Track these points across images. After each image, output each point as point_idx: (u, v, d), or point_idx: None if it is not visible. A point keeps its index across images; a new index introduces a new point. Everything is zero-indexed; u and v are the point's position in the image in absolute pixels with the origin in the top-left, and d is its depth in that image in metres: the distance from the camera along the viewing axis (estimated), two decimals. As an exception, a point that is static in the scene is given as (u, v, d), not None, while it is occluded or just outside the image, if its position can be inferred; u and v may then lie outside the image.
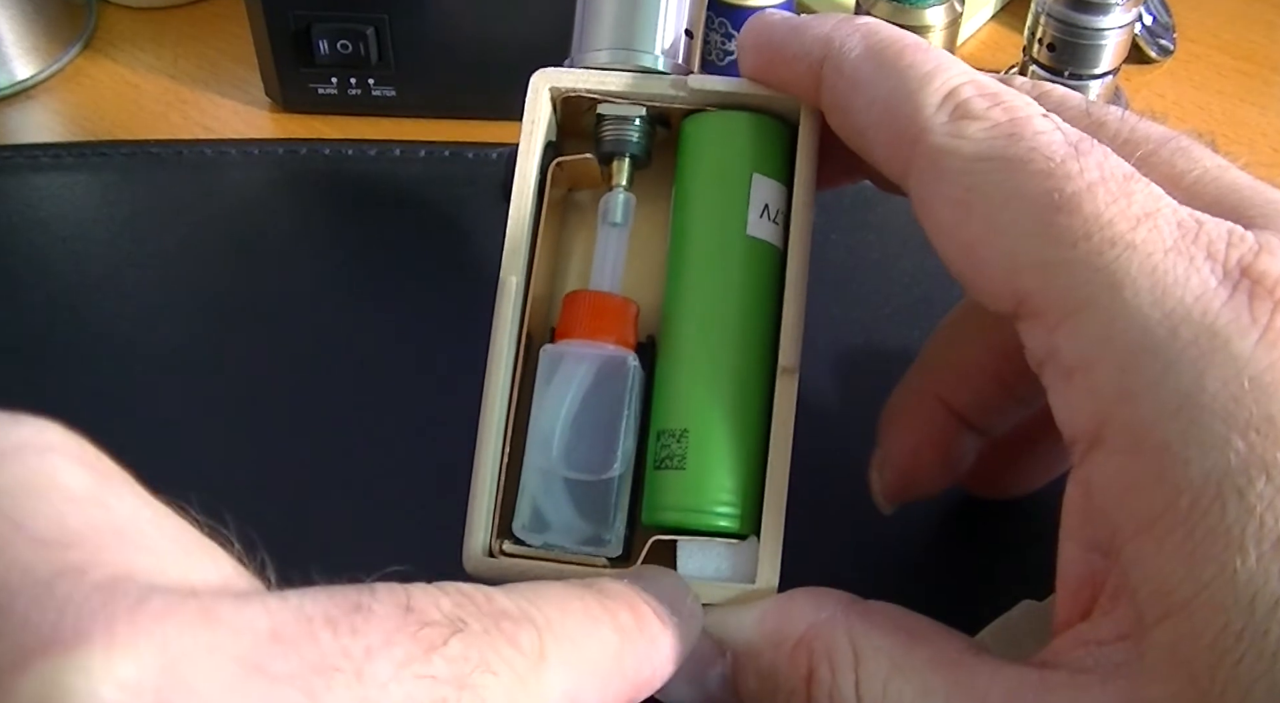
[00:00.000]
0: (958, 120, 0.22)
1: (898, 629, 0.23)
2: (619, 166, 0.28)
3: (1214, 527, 0.19)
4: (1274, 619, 0.18)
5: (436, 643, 0.17)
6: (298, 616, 0.16)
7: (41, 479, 0.16)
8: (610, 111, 0.28)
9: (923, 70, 0.23)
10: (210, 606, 0.15)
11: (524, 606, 0.19)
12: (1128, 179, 0.21)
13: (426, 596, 0.18)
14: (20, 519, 0.15)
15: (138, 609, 0.14)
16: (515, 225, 0.26)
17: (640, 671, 0.21)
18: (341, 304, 0.40)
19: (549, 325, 0.28)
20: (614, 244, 0.28)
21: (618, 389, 0.26)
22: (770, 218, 0.27)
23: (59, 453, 0.16)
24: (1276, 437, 0.19)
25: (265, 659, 0.15)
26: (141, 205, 0.43)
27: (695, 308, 0.26)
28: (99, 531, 0.16)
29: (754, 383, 0.26)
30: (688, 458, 0.25)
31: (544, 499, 0.26)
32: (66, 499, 0.16)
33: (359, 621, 0.16)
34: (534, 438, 0.26)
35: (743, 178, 0.27)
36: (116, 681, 0.14)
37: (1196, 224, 0.21)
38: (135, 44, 0.52)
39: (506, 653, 0.18)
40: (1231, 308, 0.20)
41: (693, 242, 0.27)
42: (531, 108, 0.27)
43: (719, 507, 0.25)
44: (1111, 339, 0.20)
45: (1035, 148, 0.22)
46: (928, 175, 0.23)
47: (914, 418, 0.30)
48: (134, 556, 0.16)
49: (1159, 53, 0.51)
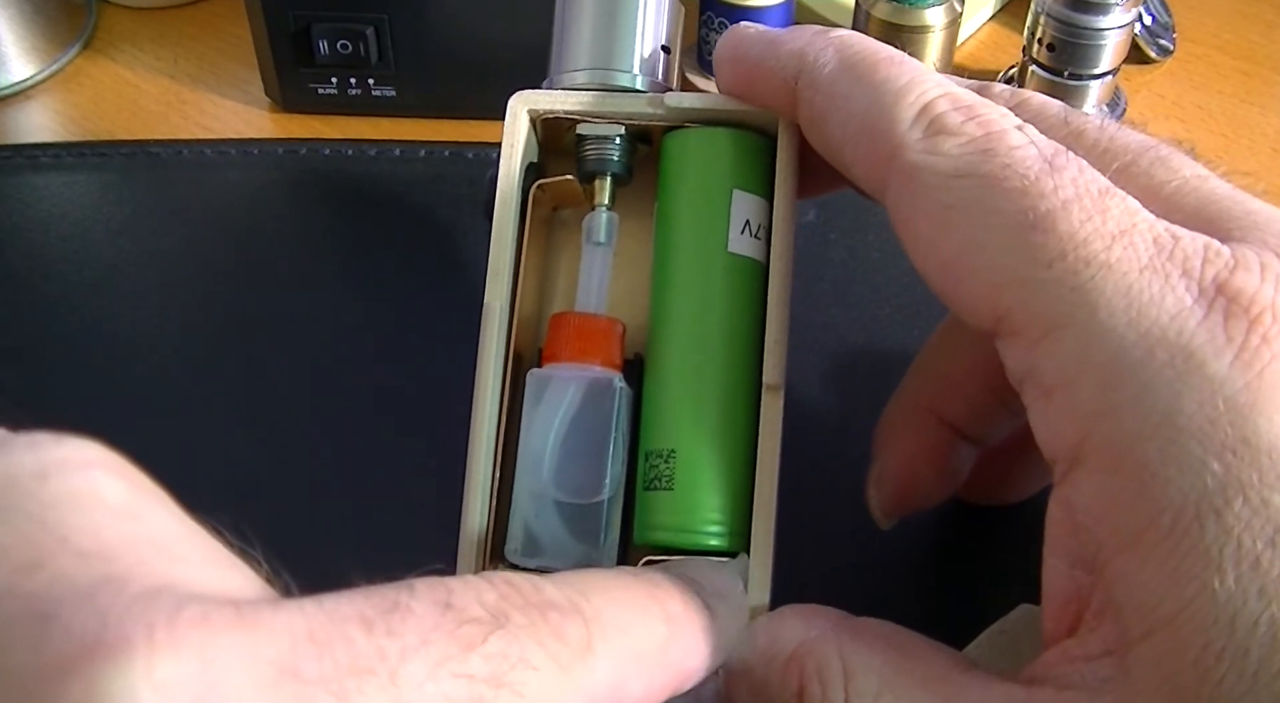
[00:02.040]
0: (933, 136, 0.22)
1: (888, 646, 0.23)
2: (601, 186, 0.28)
3: (1194, 545, 0.19)
4: (1254, 639, 0.18)
5: (475, 641, 0.17)
6: (332, 618, 0.16)
7: (83, 495, 0.16)
8: (590, 131, 0.28)
9: (897, 84, 0.23)
10: (246, 611, 0.16)
11: (572, 596, 0.19)
12: (1103, 194, 0.21)
13: (470, 590, 0.18)
14: (63, 533, 0.16)
15: (176, 616, 0.15)
16: (498, 249, 0.27)
17: (687, 661, 0.22)
18: (341, 304, 0.40)
19: (537, 345, 0.28)
20: (598, 263, 0.28)
21: (605, 411, 0.26)
22: (752, 233, 0.27)
23: (100, 469, 0.17)
24: (1252, 458, 0.19)
25: (299, 662, 0.15)
26: (141, 205, 0.43)
27: (679, 327, 0.27)
28: (138, 544, 0.16)
29: (740, 400, 0.26)
30: (675, 478, 0.25)
31: (536, 522, 0.26)
32: (107, 514, 0.16)
33: (395, 621, 0.17)
34: (524, 461, 0.26)
35: (723, 195, 0.27)
36: (156, 684, 0.14)
37: (1172, 240, 0.20)
38: (135, 44, 0.52)
39: (552, 646, 0.18)
40: (1206, 327, 0.19)
41: (675, 260, 0.27)
42: (510, 130, 0.27)
43: (708, 526, 0.25)
44: (1089, 359, 0.20)
45: (1009, 164, 0.21)
46: (904, 192, 0.23)
47: (908, 431, 0.30)
48: (171, 567, 0.16)
49: (1159, 53, 0.51)
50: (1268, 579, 0.18)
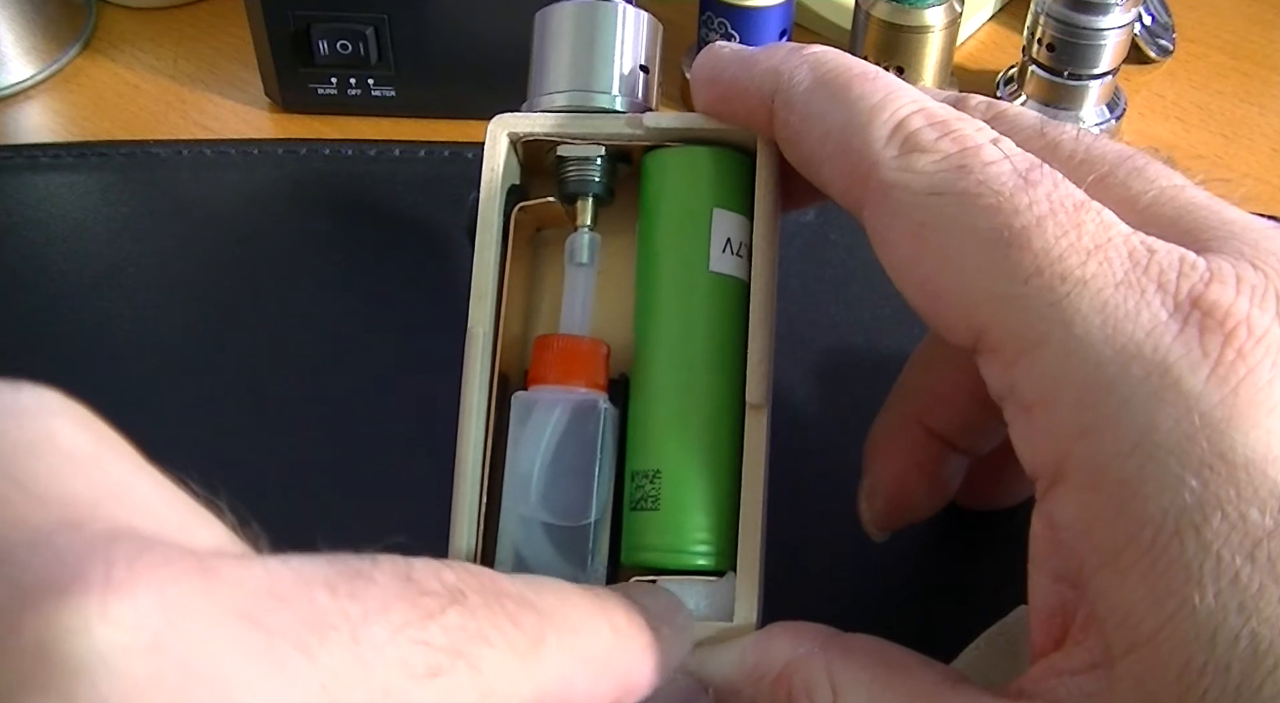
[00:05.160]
0: (907, 154, 0.22)
1: (876, 663, 0.23)
2: (583, 207, 0.28)
3: (1174, 562, 0.19)
4: (1235, 654, 0.18)
5: (435, 612, 0.17)
6: (297, 577, 0.16)
7: (42, 441, 0.16)
8: (570, 153, 0.28)
9: (871, 102, 0.23)
10: (209, 561, 0.15)
11: (525, 592, 0.20)
12: (1078, 208, 0.21)
13: (429, 568, 0.18)
14: (21, 479, 0.15)
15: (136, 558, 0.15)
16: (481, 273, 0.27)
17: (630, 673, 0.22)
18: (341, 304, 0.40)
19: (523, 366, 0.28)
20: (582, 284, 0.28)
21: (590, 434, 0.26)
22: (734, 252, 0.27)
23: (59, 416, 0.17)
24: (1229, 473, 0.19)
25: (261, 613, 0.15)
26: (141, 205, 0.43)
27: (662, 348, 0.27)
28: (97, 490, 0.16)
29: (726, 419, 0.26)
30: (661, 498, 0.26)
31: (524, 545, 0.26)
32: (67, 461, 0.16)
33: (359, 586, 0.17)
34: (511, 484, 0.26)
35: (703, 214, 0.27)
36: (113, 622, 0.14)
37: (1148, 253, 0.20)
38: (135, 44, 0.52)
39: (507, 629, 0.18)
40: (1182, 342, 0.19)
41: (657, 281, 0.27)
42: (490, 154, 0.28)
43: (695, 546, 0.25)
44: (1066, 377, 0.20)
45: (984, 180, 0.21)
46: (880, 211, 0.23)
47: (898, 445, 0.30)
48: (133, 515, 0.16)
49: (1159, 53, 0.51)
50: (1247, 595, 0.18)
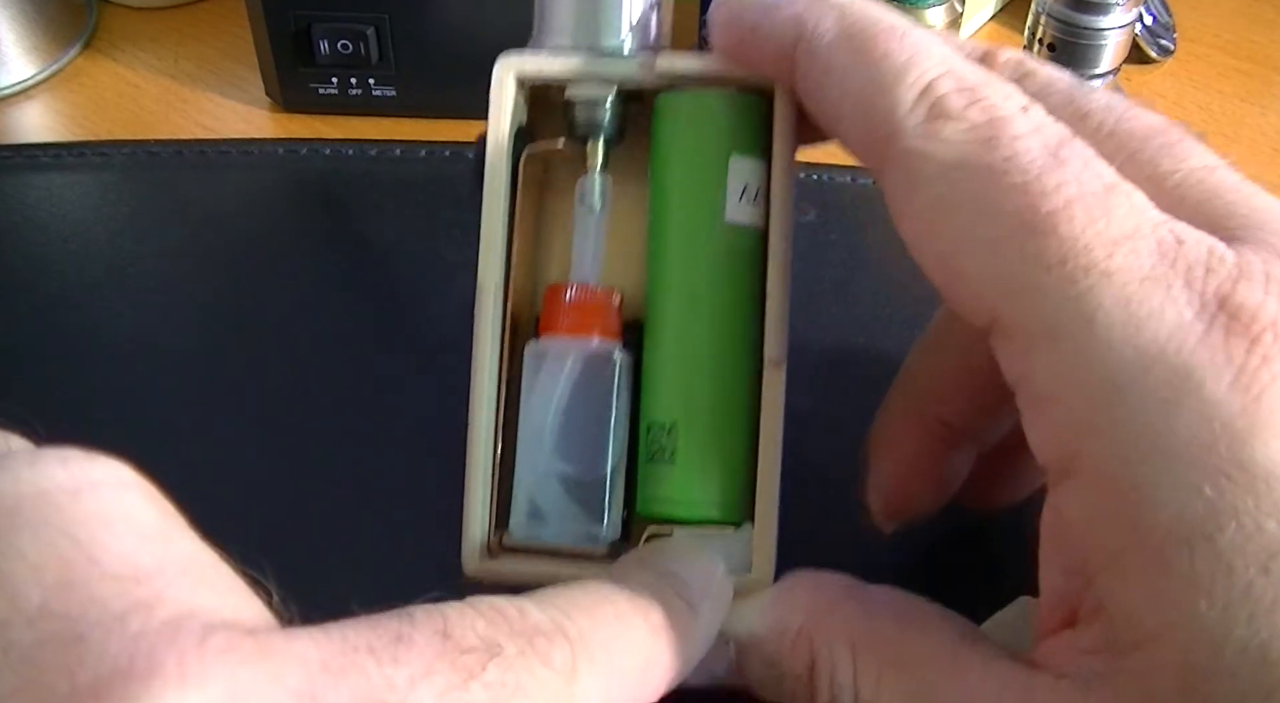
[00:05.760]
0: (933, 120, 0.21)
1: (896, 617, 0.23)
2: (593, 149, 0.27)
3: (1182, 571, 0.19)
4: (1244, 662, 0.18)
5: (475, 670, 0.18)
6: (343, 647, 0.17)
7: (116, 516, 0.17)
8: (579, 94, 0.27)
9: (898, 62, 0.22)
10: (265, 640, 0.16)
11: (557, 618, 0.20)
12: (1108, 191, 0.20)
13: (462, 619, 0.18)
14: (96, 554, 0.16)
15: (203, 645, 0.15)
16: (490, 221, 0.26)
17: (673, 664, 0.22)
18: (341, 303, 0.40)
19: (534, 314, 0.27)
20: (593, 230, 0.27)
21: (604, 384, 0.26)
22: (750, 200, 0.26)
23: (131, 490, 0.17)
24: (1248, 483, 0.18)
25: (319, 690, 0.16)
26: (141, 205, 0.43)
27: (677, 299, 0.26)
28: (166, 568, 0.16)
29: (742, 374, 0.26)
30: (678, 452, 0.25)
31: (539, 496, 0.26)
32: (138, 536, 0.17)
33: (400, 650, 0.17)
34: (525, 435, 0.26)
35: (719, 163, 0.26)
36: None
37: (1176, 244, 0.20)
38: (135, 44, 0.52)
39: (541, 674, 0.19)
40: (1206, 346, 0.19)
41: (671, 231, 0.26)
42: (497, 97, 0.26)
43: (711, 499, 0.25)
44: (1083, 374, 0.20)
45: (1012, 157, 0.21)
46: (901, 179, 0.22)
47: (902, 438, 0.29)
48: (196, 592, 0.16)
49: (1159, 53, 0.51)
50: (1259, 606, 0.18)
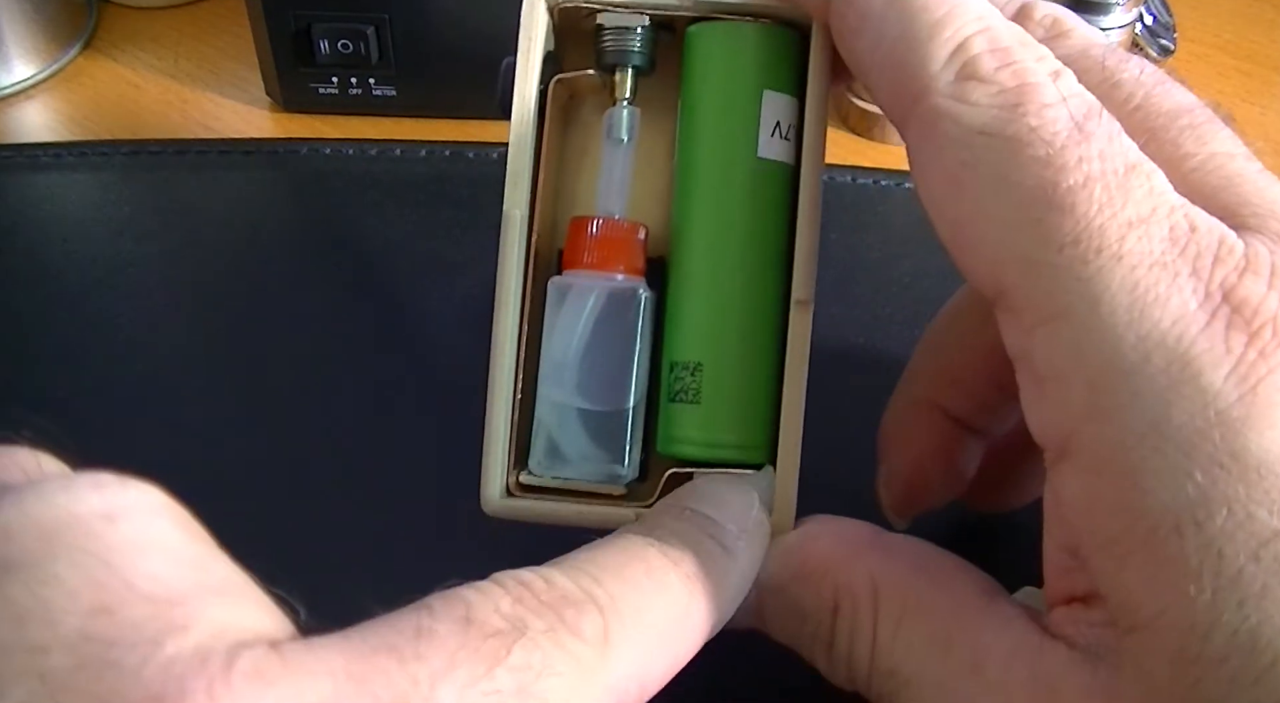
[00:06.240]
0: (964, 81, 0.21)
1: (919, 569, 0.23)
2: (622, 79, 0.27)
3: (1172, 556, 0.19)
4: (1233, 648, 0.18)
5: (500, 655, 0.17)
6: (363, 651, 0.17)
7: (149, 541, 0.17)
8: (611, 21, 0.26)
9: (935, 15, 0.22)
10: (290, 655, 0.16)
11: (586, 584, 0.19)
12: (1129, 171, 0.20)
13: (486, 599, 0.18)
14: (130, 578, 0.16)
15: (230, 670, 0.16)
16: (517, 152, 0.25)
17: (711, 613, 0.21)
18: (342, 303, 0.40)
19: (556, 248, 0.27)
20: (620, 162, 0.27)
21: (628, 321, 0.25)
22: (782, 135, 0.26)
23: (163, 515, 0.17)
24: (1240, 472, 0.19)
25: (344, 700, 0.16)
26: (141, 205, 0.43)
27: (705, 235, 0.26)
28: (197, 589, 0.17)
29: (769, 314, 0.25)
30: (703, 392, 0.25)
31: (559, 432, 0.25)
32: (172, 561, 0.17)
33: (422, 645, 0.17)
34: (546, 371, 0.26)
35: (752, 97, 0.26)
36: None
37: (1189, 231, 0.20)
38: (135, 44, 0.52)
39: (571, 647, 0.18)
40: (1207, 336, 0.19)
41: (701, 166, 0.26)
42: (527, 23, 0.26)
43: (734, 442, 0.25)
44: (1084, 355, 0.20)
45: (1037, 128, 0.20)
46: (924, 138, 0.22)
47: (913, 429, 0.29)
48: (227, 612, 0.17)
49: (1159, 53, 0.51)
50: (1249, 592, 0.18)
